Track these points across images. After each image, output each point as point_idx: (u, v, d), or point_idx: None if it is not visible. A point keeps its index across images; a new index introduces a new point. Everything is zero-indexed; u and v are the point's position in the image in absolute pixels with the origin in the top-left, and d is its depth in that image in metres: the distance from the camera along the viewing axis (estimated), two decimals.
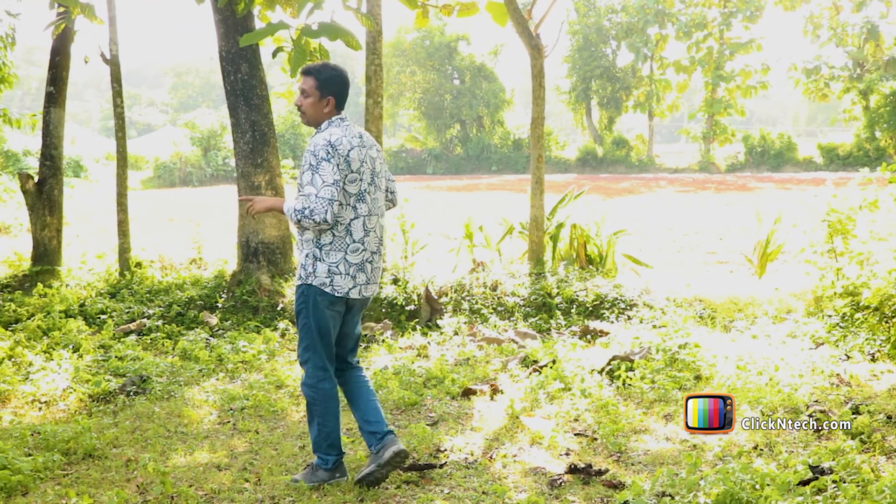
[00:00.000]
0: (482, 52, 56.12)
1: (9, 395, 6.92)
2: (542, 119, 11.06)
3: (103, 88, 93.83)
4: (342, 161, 4.87)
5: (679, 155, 55.45)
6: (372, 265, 5.10)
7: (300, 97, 5.09)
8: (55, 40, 11.82)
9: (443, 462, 5.37)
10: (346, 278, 4.97)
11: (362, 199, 4.99)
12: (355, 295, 5.04)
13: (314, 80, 5.08)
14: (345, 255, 4.96)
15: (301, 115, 5.15)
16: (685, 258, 14.47)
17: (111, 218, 13.94)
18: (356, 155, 4.96)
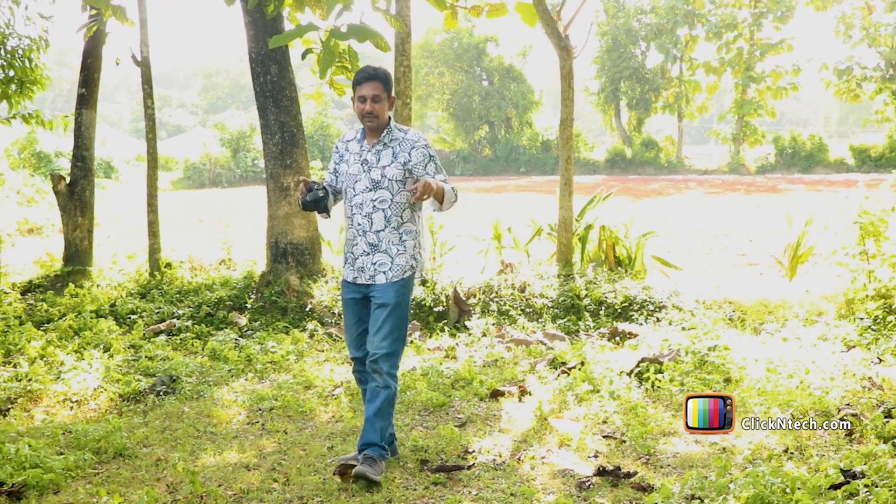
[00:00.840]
0: (511, 54, 56.06)
1: (41, 394, 6.98)
2: (570, 120, 11.03)
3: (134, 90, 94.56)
4: None
5: (708, 156, 55.20)
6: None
7: (371, 103, 5.19)
8: (87, 42, 11.90)
9: (471, 463, 5.37)
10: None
11: None
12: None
13: (383, 84, 5.24)
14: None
15: (372, 119, 5.24)
16: (715, 260, 14.38)
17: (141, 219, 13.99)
18: None
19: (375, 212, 5.23)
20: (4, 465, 4.98)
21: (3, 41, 12.61)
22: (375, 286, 5.27)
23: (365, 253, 5.27)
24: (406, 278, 5.27)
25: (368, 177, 5.24)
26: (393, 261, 5.23)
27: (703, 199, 27.69)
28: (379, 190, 5.21)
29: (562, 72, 10.97)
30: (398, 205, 5.24)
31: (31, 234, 20.56)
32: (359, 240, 5.29)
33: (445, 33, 54.36)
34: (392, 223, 5.23)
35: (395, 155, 5.24)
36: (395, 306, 5.22)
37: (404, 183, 5.23)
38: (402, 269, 5.24)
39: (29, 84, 12.80)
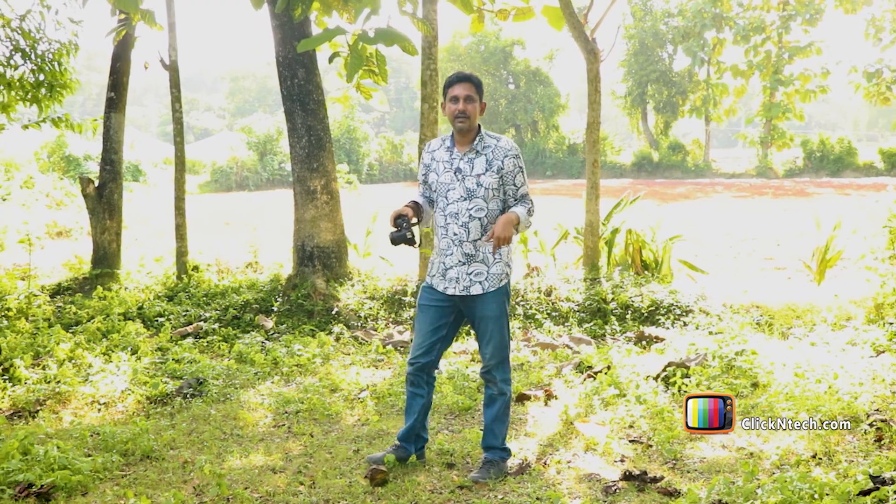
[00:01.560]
0: (537, 57, 56.03)
1: (69, 396, 7.03)
2: (597, 124, 11.01)
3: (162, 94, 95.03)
4: None
5: (736, 160, 54.94)
6: None
7: (463, 103, 5.19)
8: (116, 46, 11.98)
9: None
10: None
11: None
12: None
13: (476, 87, 5.26)
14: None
15: (464, 120, 5.21)
16: (742, 264, 14.31)
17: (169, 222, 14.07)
18: None
19: (472, 221, 5.18)
20: (33, 466, 5.01)
21: (34, 45, 12.71)
22: (472, 297, 5.25)
23: (460, 263, 5.23)
24: (503, 286, 5.27)
25: (463, 186, 5.20)
26: (489, 270, 5.22)
27: (731, 202, 27.57)
28: (474, 199, 5.17)
29: (589, 75, 10.96)
30: (494, 213, 5.21)
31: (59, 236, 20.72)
32: (454, 249, 5.23)
33: (472, 37, 54.41)
34: (489, 232, 5.18)
35: (490, 163, 5.19)
36: (497, 316, 5.25)
37: (500, 191, 5.20)
38: (499, 278, 5.24)
39: (59, 88, 12.89)
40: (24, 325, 9.19)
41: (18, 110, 13.12)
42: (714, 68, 51.13)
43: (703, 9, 48.47)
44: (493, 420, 5.32)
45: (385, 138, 55.01)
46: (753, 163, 49.75)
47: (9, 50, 12.62)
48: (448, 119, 5.25)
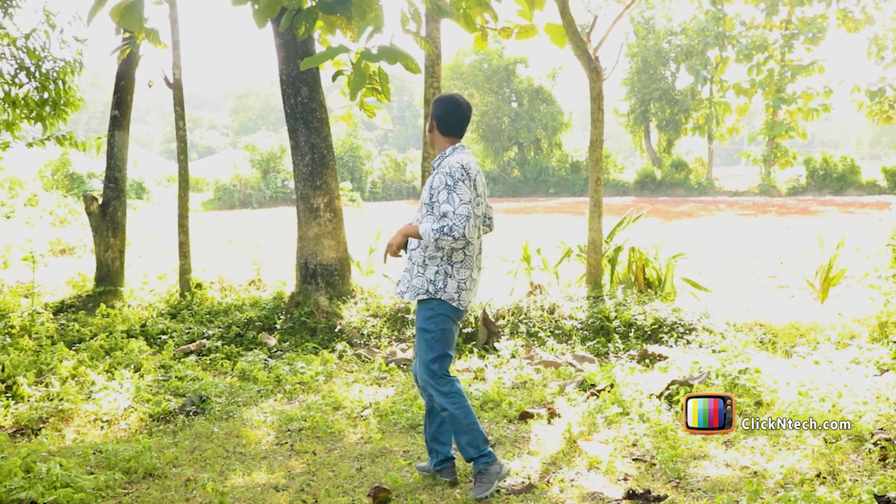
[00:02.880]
0: (540, 75, 56.16)
1: (72, 413, 7.03)
2: (600, 142, 11.02)
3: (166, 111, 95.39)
4: (471, 183, 5.20)
5: (739, 178, 55.00)
6: (476, 281, 5.43)
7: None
8: (120, 65, 12.03)
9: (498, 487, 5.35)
10: (469, 293, 5.36)
11: (481, 220, 5.43)
12: (465, 307, 5.37)
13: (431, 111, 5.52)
14: (471, 273, 5.34)
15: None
16: (745, 282, 14.29)
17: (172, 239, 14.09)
18: (480, 181, 5.34)
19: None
20: (36, 484, 5.00)
21: (39, 64, 12.75)
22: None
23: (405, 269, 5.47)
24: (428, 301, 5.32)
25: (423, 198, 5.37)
26: (410, 281, 5.36)
27: (734, 220, 27.56)
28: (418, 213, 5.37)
29: (591, 93, 10.98)
30: None
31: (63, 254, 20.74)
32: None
33: (475, 55, 54.56)
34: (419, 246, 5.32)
35: (430, 179, 5.31)
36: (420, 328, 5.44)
37: (430, 206, 5.22)
38: (417, 291, 5.32)
39: (63, 106, 12.93)
40: (27, 343, 9.20)
41: (23, 128, 13.16)
42: (717, 86, 51.23)
43: (706, 27, 48.59)
44: (455, 435, 5.32)
45: (388, 156, 55.16)
46: (756, 181, 49.80)
47: (14, 68, 12.67)
48: None
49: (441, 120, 5.40)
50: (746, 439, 5.97)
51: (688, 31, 50.66)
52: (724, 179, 53.42)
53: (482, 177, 5.37)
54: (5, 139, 13.12)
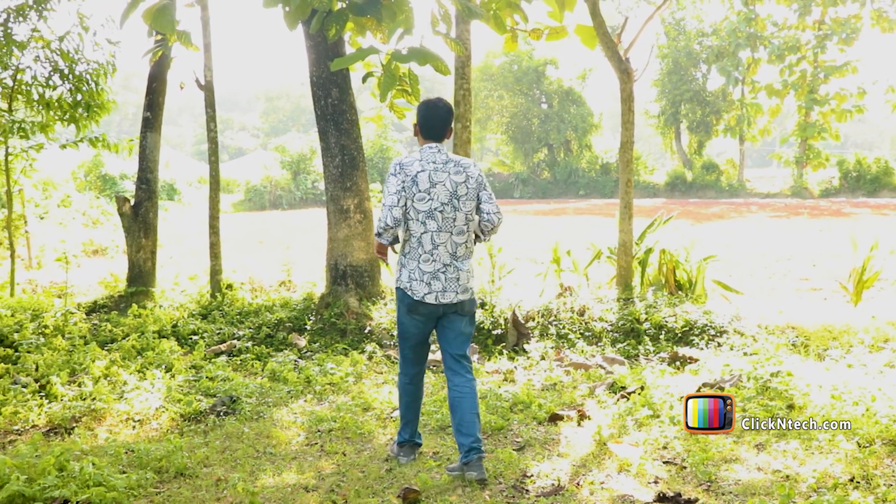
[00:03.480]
0: (570, 77, 56.04)
1: (104, 413, 7.08)
2: (631, 143, 10.98)
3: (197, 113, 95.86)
4: (408, 179, 5.58)
5: (771, 180, 54.60)
6: (446, 275, 5.68)
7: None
8: (152, 67, 12.11)
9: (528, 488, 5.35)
10: (421, 284, 5.67)
11: (432, 216, 5.61)
12: (431, 300, 5.66)
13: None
14: (418, 264, 5.67)
15: None
16: (777, 285, 14.20)
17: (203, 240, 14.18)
18: (425, 178, 5.60)
19: None
20: (69, 482, 5.04)
21: (73, 66, 12.88)
22: None
23: None
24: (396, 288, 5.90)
25: None
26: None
27: (765, 222, 27.39)
28: None
29: (622, 94, 10.94)
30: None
31: (95, 255, 20.91)
32: None
33: (505, 56, 54.54)
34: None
35: None
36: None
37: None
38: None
39: (96, 108, 13.05)
40: (60, 343, 9.28)
41: (56, 130, 13.29)
42: (748, 88, 50.88)
43: (738, 28, 48.28)
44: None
45: None
46: (788, 182, 49.42)
47: (48, 71, 12.81)
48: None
49: (420, 124, 5.78)
50: (778, 443, 5.93)
51: (719, 32, 50.36)
52: (755, 181, 53.04)
53: (453, 176, 5.66)
54: (39, 141, 13.26)
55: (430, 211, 5.59)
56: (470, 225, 5.75)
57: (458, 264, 5.71)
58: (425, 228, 5.61)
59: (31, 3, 12.54)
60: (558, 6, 9.95)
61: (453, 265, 5.68)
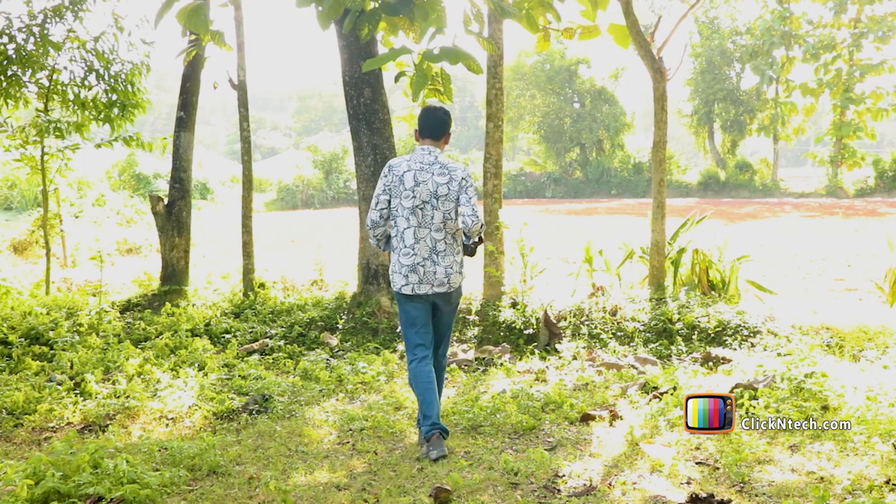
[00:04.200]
0: (603, 76, 55.87)
1: (138, 411, 7.13)
2: (664, 142, 10.93)
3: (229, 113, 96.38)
4: (395, 179, 6.13)
5: (805, 179, 54.16)
6: (425, 268, 6.14)
7: None
8: (186, 67, 12.18)
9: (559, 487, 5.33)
10: (399, 276, 6.17)
11: (413, 213, 6.10)
12: (408, 291, 6.16)
13: None
14: (399, 258, 6.16)
15: None
16: (811, 285, 14.08)
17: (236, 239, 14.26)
18: (411, 177, 6.11)
19: None
20: (103, 479, 5.08)
21: (108, 66, 12.99)
22: None
23: None
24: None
25: None
26: None
27: (800, 222, 27.18)
28: None
29: (655, 94, 10.89)
30: None
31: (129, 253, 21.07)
32: None
33: (537, 56, 54.45)
34: None
35: None
36: None
37: None
38: None
39: (130, 108, 13.16)
40: (94, 341, 9.36)
41: (91, 129, 13.41)
42: (783, 86, 50.49)
43: (772, 27, 47.92)
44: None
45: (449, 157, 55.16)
46: (823, 182, 48.99)
47: (83, 71, 12.92)
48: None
49: (418, 126, 6.33)
50: (813, 444, 5.88)
51: (753, 31, 49.99)
52: (789, 181, 52.66)
53: (435, 176, 6.13)
54: (74, 141, 13.38)
55: (412, 208, 6.09)
56: (448, 224, 6.16)
57: (437, 259, 6.15)
58: (408, 224, 6.10)
59: (67, 3, 12.66)
60: (591, 5, 9.91)
61: (432, 259, 6.14)
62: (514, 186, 52.99)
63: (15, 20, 12.61)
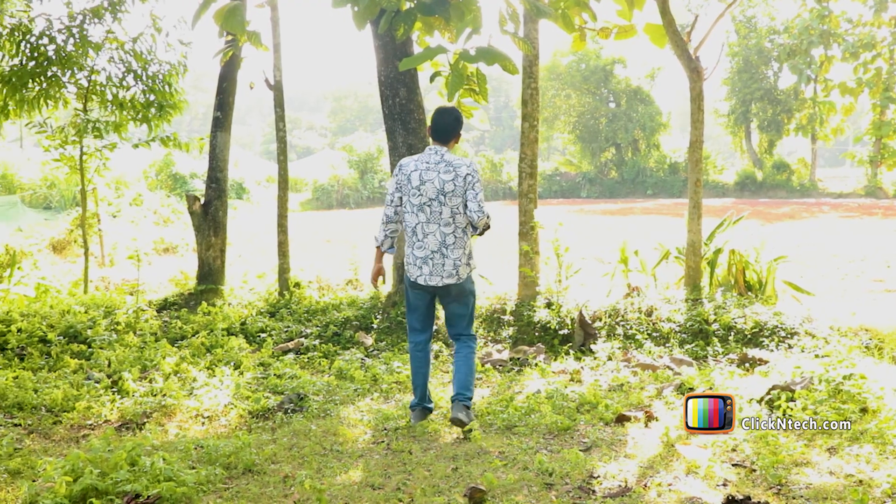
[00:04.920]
0: (638, 76, 55.66)
1: (174, 409, 7.18)
2: (700, 142, 10.86)
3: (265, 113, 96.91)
4: (404, 177, 6.56)
5: (843, 179, 53.66)
6: (434, 261, 6.53)
7: None
8: (223, 67, 12.24)
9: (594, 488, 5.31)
10: (413, 267, 6.63)
11: (422, 209, 6.49)
12: (422, 282, 6.60)
13: None
14: (412, 250, 6.59)
15: None
16: (850, 286, 13.95)
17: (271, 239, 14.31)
18: (417, 176, 6.49)
19: None
20: (140, 477, 5.12)
21: (145, 67, 13.11)
22: None
23: None
24: None
25: None
26: None
27: (838, 223, 26.94)
28: None
29: (691, 93, 10.82)
30: None
31: (166, 252, 21.24)
32: None
33: (573, 55, 54.34)
34: None
35: None
36: None
37: None
38: None
39: (168, 108, 13.27)
40: (132, 339, 9.44)
41: (129, 129, 13.53)
42: (821, 86, 50.02)
43: (811, 25, 47.50)
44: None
45: (485, 157, 55.19)
46: (862, 182, 48.52)
47: (121, 71, 13.04)
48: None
49: (430, 127, 6.69)
50: (851, 446, 5.82)
51: (791, 30, 49.57)
52: (827, 181, 52.21)
53: (441, 175, 6.45)
54: (112, 140, 13.50)
55: (420, 205, 6.47)
56: (456, 218, 6.49)
57: (445, 252, 6.51)
58: (417, 220, 6.51)
59: (106, 4, 12.79)
60: (627, 5, 9.87)
61: (441, 252, 6.51)
62: (550, 186, 52.92)
63: (55, 21, 12.77)
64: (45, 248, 19.73)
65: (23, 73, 12.67)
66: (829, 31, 47.49)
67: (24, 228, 22.14)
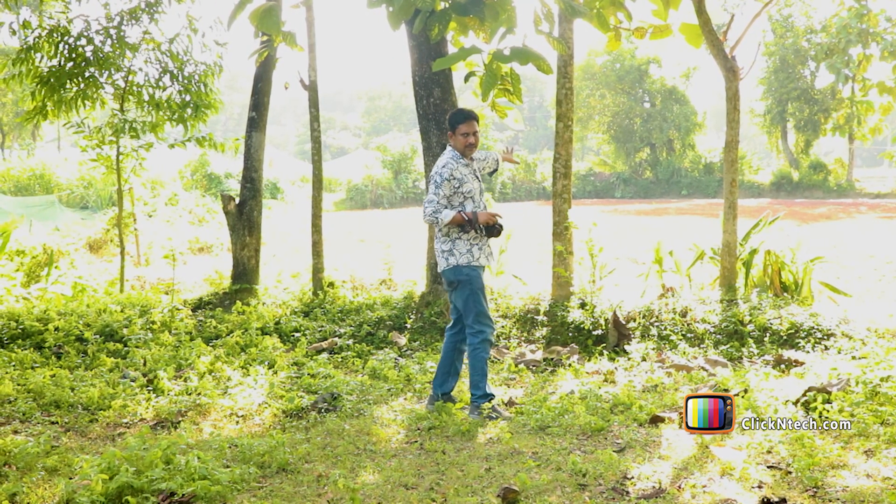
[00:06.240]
0: (674, 75, 55.39)
1: (209, 408, 7.23)
2: (736, 142, 10.79)
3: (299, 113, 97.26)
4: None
5: (881, 180, 53.14)
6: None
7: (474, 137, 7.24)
8: (258, 67, 12.30)
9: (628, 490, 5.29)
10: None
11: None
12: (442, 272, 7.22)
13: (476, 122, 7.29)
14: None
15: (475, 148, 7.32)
16: (888, 287, 13.81)
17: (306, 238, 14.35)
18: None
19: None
20: (175, 475, 5.15)
21: (182, 67, 13.20)
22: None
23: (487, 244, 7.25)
24: None
25: (482, 186, 7.29)
26: None
27: (875, 223, 26.66)
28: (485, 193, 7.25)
29: (727, 93, 10.76)
30: None
31: (201, 252, 21.37)
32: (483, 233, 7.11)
33: (607, 55, 54.16)
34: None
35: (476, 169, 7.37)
36: None
37: None
38: None
39: (203, 108, 13.35)
40: (167, 338, 9.51)
41: (165, 129, 13.63)
42: (859, 85, 49.49)
43: (849, 24, 47.02)
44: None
45: (519, 157, 55.10)
46: None
47: (158, 72, 13.14)
48: (460, 146, 7.18)
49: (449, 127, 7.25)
50: (889, 449, 5.76)
51: (829, 29, 49.11)
52: (865, 181, 51.71)
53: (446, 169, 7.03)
54: (149, 140, 13.61)
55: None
56: None
57: (435, 244, 7.23)
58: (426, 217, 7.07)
59: (143, 6, 12.88)
60: (663, 4, 9.81)
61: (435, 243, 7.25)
62: (584, 186, 52.76)
63: (93, 23, 12.88)
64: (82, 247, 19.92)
65: (61, 73, 12.80)
66: (867, 29, 46.98)
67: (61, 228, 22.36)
